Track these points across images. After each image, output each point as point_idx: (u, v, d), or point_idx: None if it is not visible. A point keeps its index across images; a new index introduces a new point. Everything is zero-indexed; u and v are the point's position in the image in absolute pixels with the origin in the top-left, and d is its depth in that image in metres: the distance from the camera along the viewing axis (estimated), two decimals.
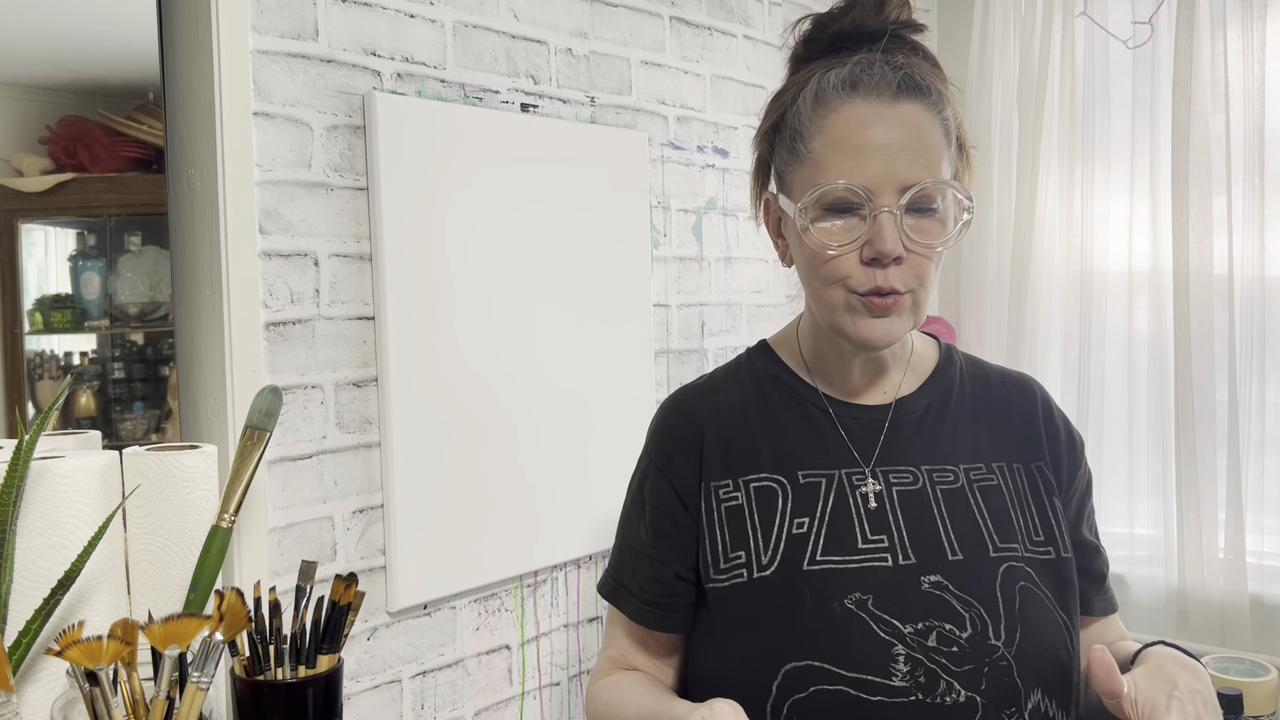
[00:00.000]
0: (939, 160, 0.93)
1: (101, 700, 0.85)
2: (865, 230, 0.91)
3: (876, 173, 0.90)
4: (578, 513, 1.86)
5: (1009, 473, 1.03)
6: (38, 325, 1.48)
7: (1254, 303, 2.22)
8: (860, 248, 0.92)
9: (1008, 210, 2.53)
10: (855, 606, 0.93)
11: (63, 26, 1.43)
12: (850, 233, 0.92)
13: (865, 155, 0.91)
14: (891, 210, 0.90)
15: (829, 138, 0.93)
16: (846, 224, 0.92)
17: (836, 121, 0.93)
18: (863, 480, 1.00)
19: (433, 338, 1.63)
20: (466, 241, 1.67)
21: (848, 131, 0.92)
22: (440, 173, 1.63)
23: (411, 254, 1.59)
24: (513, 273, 1.74)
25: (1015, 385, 1.09)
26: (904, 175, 0.90)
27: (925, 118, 0.93)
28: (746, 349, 1.13)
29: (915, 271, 0.93)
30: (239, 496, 1.08)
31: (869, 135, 0.91)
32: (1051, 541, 1.01)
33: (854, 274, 0.92)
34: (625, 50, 1.98)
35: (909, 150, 0.91)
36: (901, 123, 0.91)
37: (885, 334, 0.95)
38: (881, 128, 0.91)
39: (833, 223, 0.93)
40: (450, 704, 1.71)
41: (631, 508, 1.08)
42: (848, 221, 0.92)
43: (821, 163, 0.93)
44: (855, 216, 0.92)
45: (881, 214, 0.90)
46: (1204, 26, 2.24)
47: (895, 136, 0.91)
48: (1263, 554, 2.26)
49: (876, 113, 0.91)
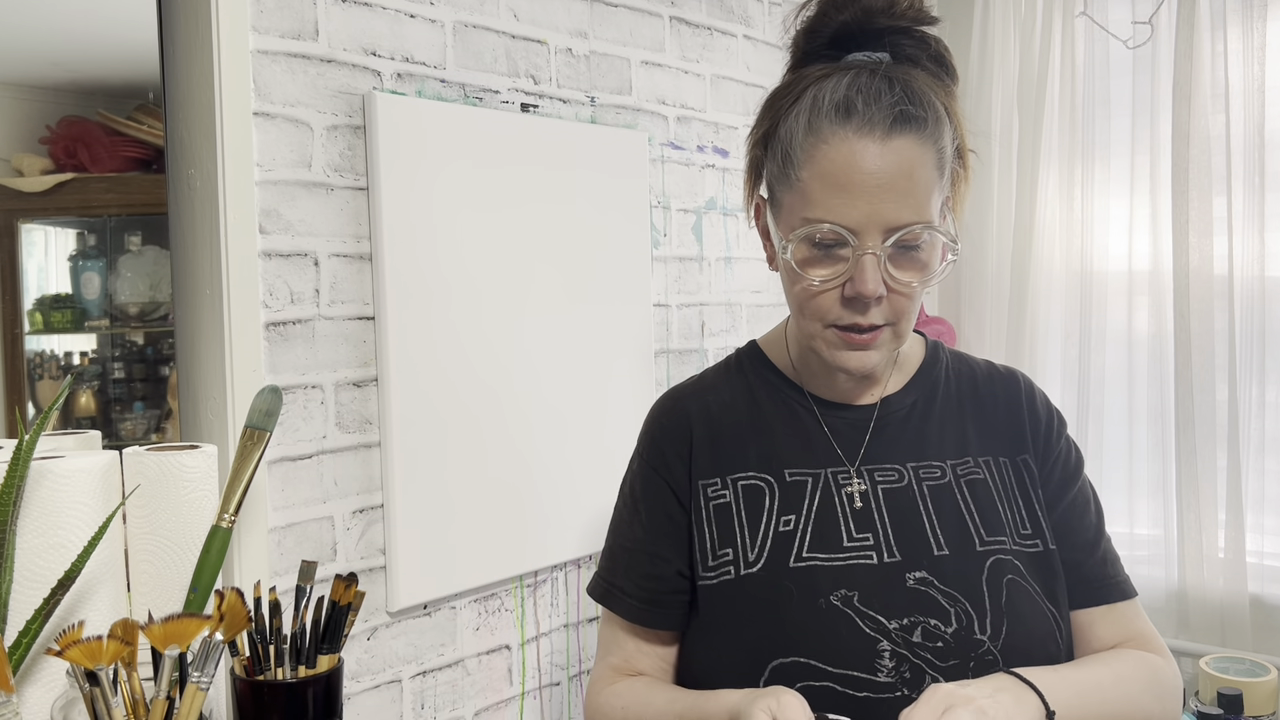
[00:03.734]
0: (928, 198, 0.91)
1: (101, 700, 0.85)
2: (848, 269, 0.91)
3: (863, 213, 0.89)
4: (578, 513, 1.86)
5: (995, 467, 1.03)
6: (38, 325, 1.48)
7: (1254, 303, 2.22)
8: (842, 285, 0.92)
9: (1008, 210, 2.53)
10: (841, 603, 0.94)
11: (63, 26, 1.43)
12: (833, 270, 0.92)
13: (852, 195, 0.89)
14: (875, 252, 0.89)
15: (818, 169, 0.91)
16: (830, 261, 0.92)
17: (826, 154, 0.90)
18: (848, 479, 1.01)
19: (432, 337, 1.63)
20: (466, 241, 1.67)
21: (836, 168, 0.90)
22: (440, 173, 1.63)
23: (411, 254, 1.59)
24: (513, 272, 1.74)
25: (1001, 380, 1.09)
26: (890, 217, 0.89)
27: (917, 153, 0.90)
28: (736, 349, 1.14)
29: (895, 308, 0.93)
30: (239, 496, 1.08)
31: (857, 175, 0.89)
32: (1039, 534, 1.01)
33: (834, 309, 0.93)
34: (625, 50, 1.98)
35: (897, 190, 0.89)
36: (891, 160, 0.89)
37: (861, 364, 0.95)
38: (871, 166, 0.89)
39: (817, 261, 0.92)
40: (450, 704, 1.71)
41: (624, 508, 1.09)
42: (832, 259, 0.92)
43: (809, 195, 0.91)
44: (839, 254, 0.91)
45: (865, 256, 0.89)
46: (1204, 26, 2.24)
47: (884, 176, 0.89)
48: (1263, 554, 2.26)
49: (867, 150, 0.89)
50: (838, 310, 0.93)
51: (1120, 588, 1.04)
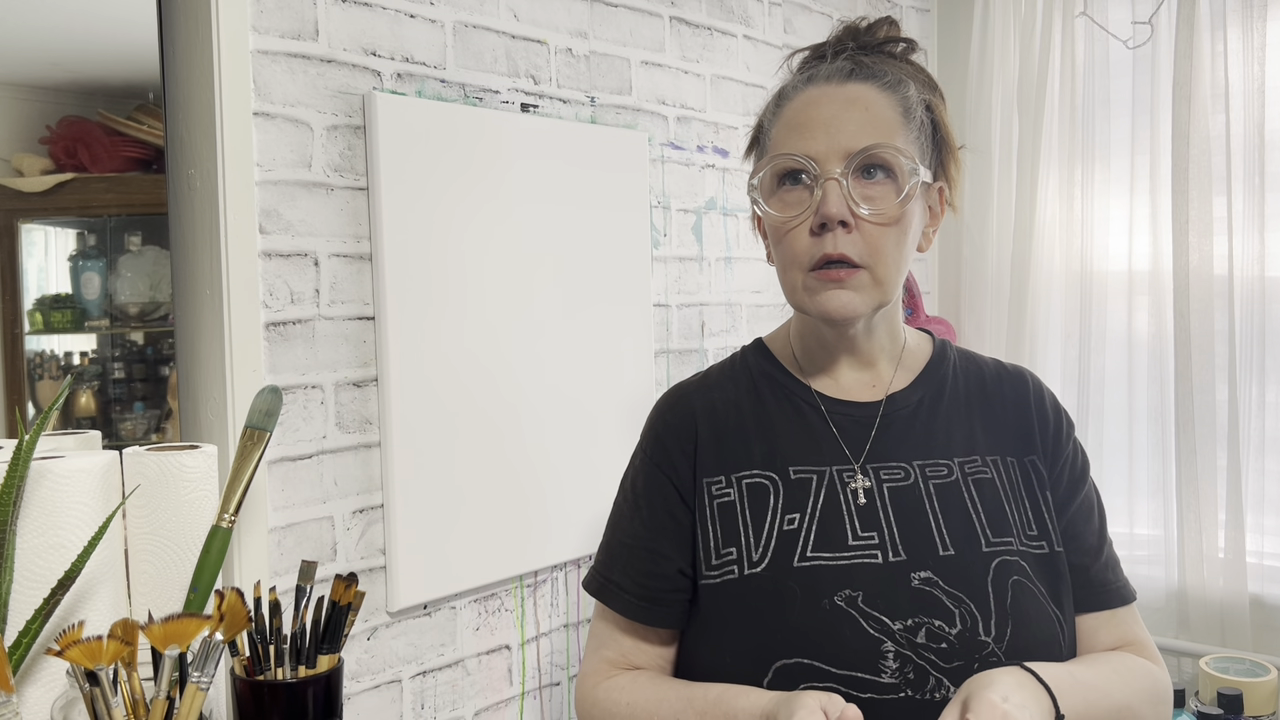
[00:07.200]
0: (891, 131, 0.95)
1: (101, 700, 0.85)
2: (814, 201, 0.94)
3: (821, 143, 0.94)
4: (578, 513, 1.86)
5: (1003, 466, 1.03)
6: (38, 325, 1.48)
7: (1254, 303, 2.22)
8: (810, 218, 0.94)
9: (1008, 211, 2.53)
10: (845, 604, 0.93)
11: (63, 26, 1.43)
12: (800, 204, 0.95)
13: (812, 128, 0.95)
14: (836, 178, 0.93)
15: (782, 122, 0.99)
16: (797, 196, 0.96)
17: (789, 108, 0.99)
18: (852, 477, 1.00)
19: (433, 338, 1.63)
20: (466, 241, 1.67)
21: (795, 111, 0.98)
22: (440, 173, 1.63)
23: (411, 254, 1.59)
24: (513, 272, 1.74)
25: (1009, 378, 1.09)
26: (848, 143, 0.94)
27: (875, 95, 0.97)
28: (742, 347, 1.13)
29: (869, 241, 0.94)
30: (239, 496, 1.08)
31: (815, 112, 0.96)
32: (1045, 536, 1.01)
33: (806, 246, 0.95)
34: (625, 50, 1.98)
35: (855, 120, 0.95)
36: (849, 98, 0.96)
37: (842, 305, 0.95)
38: (828, 104, 0.96)
39: (785, 197, 0.97)
40: (450, 704, 1.71)
41: (625, 504, 1.08)
42: (798, 193, 0.96)
43: (775, 144, 0.99)
44: (804, 188, 0.95)
45: (828, 181, 0.93)
46: (1204, 27, 2.24)
47: (841, 110, 0.95)
48: (1263, 554, 2.26)
49: (825, 93, 0.97)
50: (810, 245, 0.95)
51: (1121, 593, 1.04)
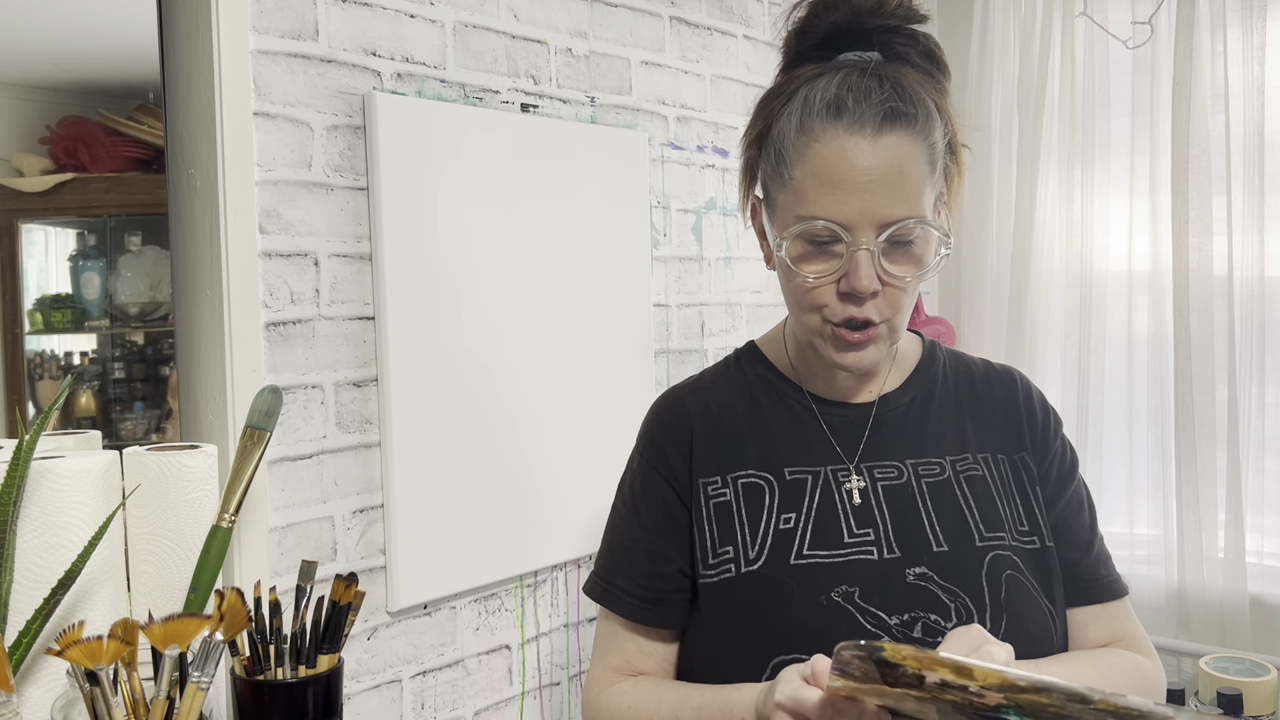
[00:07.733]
0: (920, 193, 0.92)
1: (101, 700, 0.85)
2: (842, 265, 0.92)
3: (855, 209, 0.90)
4: (578, 513, 1.86)
5: (994, 463, 1.04)
6: (38, 325, 1.48)
7: (1254, 303, 2.22)
8: (837, 281, 0.93)
9: (1008, 210, 2.53)
10: (842, 599, 0.95)
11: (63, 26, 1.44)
12: (828, 266, 0.93)
13: (845, 191, 0.90)
14: (869, 248, 0.91)
15: (810, 167, 0.92)
16: (825, 257, 0.93)
17: (819, 152, 0.92)
18: (847, 476, 1.01)
19: (433, 337, 1.63)
20: (466, 241, 1.67)
21: (828, 165, 0.91)
22: (440, 173, 1.63)
23: (411, 254, 1.59)
24: (512, 272, 1.74)
25: (998, 378, 1.10)
26: (882, 213, 0.90)
27: (909, 149, 0.91)
28: (735, 350, 1.14)
29: (890, 302, 0.94)
30: (239, 496, 1.08)
31: (849, 171, 0.90)
32: (1037, 531, 1.02)
33: (830, 304, 0.94)
34: (625, 50, 1.98)
35: (889, 186, 0.90)
36: (883, 157, 0.90)
37: (858, 361, 0.96)
38: (863, 162, 0.90)
39: (812, 257, 0.93)
40: (450, 704, 1.71)
41: (623, 507, 1.09)
42: (826, 255, 0.93)
43: (803, 193, 0.93)
44: (833, 250, 0.92)
45: (859, 252, 0.91)
46: (1204, 27, 2.24)
47: (876, 172, 0.90)
48: (1263, 554, 2.26)
49: (858, 147, 0.90)
50: (834, 305, 0.94)
51: (1113, 587, 1.05)
